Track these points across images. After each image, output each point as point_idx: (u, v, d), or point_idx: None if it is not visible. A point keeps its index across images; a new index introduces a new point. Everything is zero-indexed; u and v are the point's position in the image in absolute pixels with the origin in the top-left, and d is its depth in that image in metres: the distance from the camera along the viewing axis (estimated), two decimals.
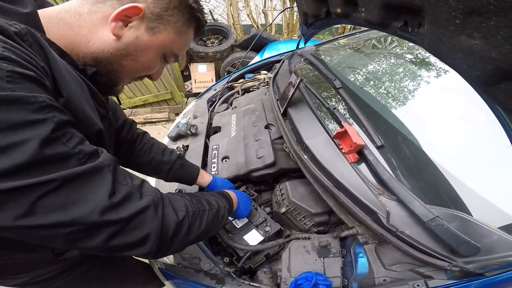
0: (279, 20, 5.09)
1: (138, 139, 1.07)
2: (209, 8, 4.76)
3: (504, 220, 0.85)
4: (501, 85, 0.44)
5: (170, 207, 0.61)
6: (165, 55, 0.70)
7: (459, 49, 0.45)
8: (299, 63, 1.88)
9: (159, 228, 0.56)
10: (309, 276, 0.98)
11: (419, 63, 1.63)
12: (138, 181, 0.57)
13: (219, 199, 0.86)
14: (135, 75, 0.70)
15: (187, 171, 1.15)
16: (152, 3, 0.61)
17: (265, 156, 1.34)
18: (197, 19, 0.69)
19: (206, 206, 0.74)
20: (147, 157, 1.07)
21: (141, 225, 0.53)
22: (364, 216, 0.87)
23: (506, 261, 0.75)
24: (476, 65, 0.44)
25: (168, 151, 1.13)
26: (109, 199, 0.48)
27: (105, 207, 0.48)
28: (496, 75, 0.42)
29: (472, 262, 0.79)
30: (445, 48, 0.49)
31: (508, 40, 0.37)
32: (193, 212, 0.67)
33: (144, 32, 0.62)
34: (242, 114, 1.72)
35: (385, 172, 0.87)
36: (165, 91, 3.63)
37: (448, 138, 1.08)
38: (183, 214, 0.63)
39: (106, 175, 0.50)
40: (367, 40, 2.24)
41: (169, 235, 0.59)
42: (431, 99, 1.33)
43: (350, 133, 0.91)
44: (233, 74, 2.26)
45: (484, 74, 0.44)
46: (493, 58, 0.40)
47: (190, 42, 0.75)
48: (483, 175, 0.93)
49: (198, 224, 0.68)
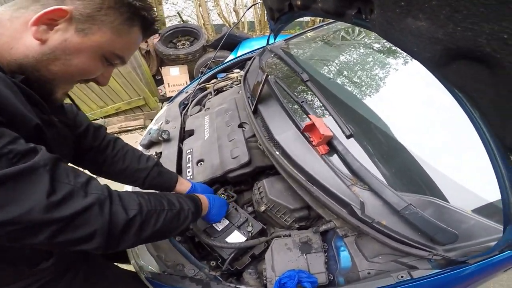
0: (251, 17, 5.06)
1: (110, 146, 1.03)
2: (177, 10, 4.67)
3: (478, 202, 0.85)
4: (452, 65, 0.43)
5: (119, 205, 0.61)
6: (106, 57, 0.66)
7: (408, 32, 0.44)
8: (270, 59, 1.86)
9: (106, 226, 0.57)
10: (291, 275, 0.96)
11: (386, 52, 1.65)
12: (83, 179, 0.57)
13: (184, 201, 0.85)
14: (72, 80, 0.66)
15: (165, 179, 1.11)
16: (81, 4, 0.58)
17: (240, 156, 1.31)
18: (142, 18, 0.66)
19: (166, 206, 0.75)
20: (122, 165, 1.03)
21: (86, 222, 0.54)
22: (339, 208, 0.87)
23: (487, 246, 0.75)
24: (425, 47, 0.43)
25: (144, 157, 1.09)
26: (47, 198, 0.49)
27: (44, 206, 0.48)
28: (446, 55, 0.42)
29: (453, 250, 0.78)
30: (395, 32, 0.47)
31: (450, 19, 0.36)
32: (148, 210, 0.68)
33: (74, 34, 0.59)
34: (215, 115, 1.68)
35: (355, 162, 0.86)
36: (138, 97, 3.53)
37: (417, 124, 1.09)
38: (134, 212, 0.63)
39: (41, 175, 0.50)
40: (336, 31, 2.25)
41: (118, 232, 0.60)
42: (399, 86, 1.35)
43: (318, 125, 0.89)
44: (204, 75, 2.22)
45: (434, 56, 0.43)
46: (440, 38, 0.39)
47: (137, 42, 0.71)
48: (454, 159, 0.94)
49: (153, 222, 0.69)
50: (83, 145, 0.95)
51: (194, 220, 0.90)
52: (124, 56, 0.69)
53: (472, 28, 0.35)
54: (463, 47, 0.38)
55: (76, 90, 3.22)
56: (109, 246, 0.59)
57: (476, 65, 0.41)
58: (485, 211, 0.84)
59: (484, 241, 0.78)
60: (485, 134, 0.54)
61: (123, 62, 0.70)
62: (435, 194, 0.86)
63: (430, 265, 0.83)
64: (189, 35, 4.09)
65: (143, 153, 1.12)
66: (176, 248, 1.12)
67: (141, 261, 1.12)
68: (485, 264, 0.78)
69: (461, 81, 0.44)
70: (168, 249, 1.12)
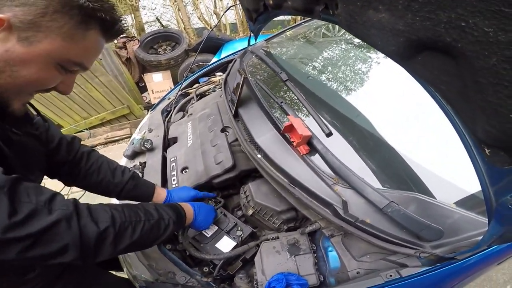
0: (233, 19, 5.04)
1: (83, 159, 1.01)
2: (155, 16, 4.61)
3: (460, 195, 0.84)
4: (417, 58, 0.42)
5: (88, 218, 0.62)
6: (62, 65, 0.62)
7: (371, 25, 0.43)
8: (251, 61, 1.84)
9: (78, 239, 0.59)
10: (279, 278, 0.95)
11: (366, 47, 1.65)
12: (46, 196, 0.58)
13: (164, 211, 0.84)
14: (26, 91, 0.62)
15: (141, 191, 1.10)
16: (21, 11, 0.53)
17: (224, 161, 1.29)
18: (99, 20, 0.61)
19: (143, 217, 0.75)
20: (96, 178, 1.02)
21: (55, 238, 0.56)
22: (322, 209, 0.85)
23: (474, 241, 0.73)
24: (388, 40, 0.41)
25: (120, 170, 1.07)
26: (9, 219, 0.50)
27: (7, 226, 0.50)
28: (409, 47, 0.40)
29: (440, 246, 0.77)
30: (359, 26, 0.46)
31: (408, 8, 0.35)
32: (122, 222, 0.69)
33: (16, 44, 0.55)
34: (197, 121, 1.65)
35: (335, 160, 0.84)
36: (122, 106, 3.47)
37: (399, 119, 1.09)
38: (106, 225, 0.65)
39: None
40: (316, 28, 2.25)
41: (91, 244, 0.61)
42: (379, 82, 1.34)
43: (296, 126, 0.88)
44: (186, 80, 2.18)
45: (398, 49, 0.41)
46: (400, 30, 0.38)
47: (98, 46, 0.66)
48: (435, 152, 0.93)
49: (129, 233, 0.70)
50: (57, 159, 0.93)
51: (177, 229, 0.91)
52: (83, 62, 0.64)
53: (430, 17, 0.34)
54: (423, 37, 0.37)
55: (57, 102, 3.15)
56: (86, 257, 0.61)
57: (440, 56, 0.39)
58: (469, 203, 0.82)
59: (471, 235, 0.77)
60: (459, 127, 0.52)
61: (84, 68, 0.66)
62: (418, 188, 0.85)
63: (420, 262, 0.81)
64: (170, 40, 4.04)
65: (119, 166, 1.10)
66: (166, 256, 1.11)
67: (134, 270, 1.10)
68: (475, 259, 0.77)
69: (428, 74, 0.43)
70: (158, 258, 1.10)
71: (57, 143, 0.93)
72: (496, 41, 0.33)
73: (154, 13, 4.64)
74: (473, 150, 0.52)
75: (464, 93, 0.40)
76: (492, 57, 0.34)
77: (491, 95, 0.36)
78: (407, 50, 0.41)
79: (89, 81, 3.14)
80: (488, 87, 0.36)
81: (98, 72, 3.13)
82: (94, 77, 3.14)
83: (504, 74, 0.33)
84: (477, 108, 0.40)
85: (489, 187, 0.53)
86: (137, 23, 4.40)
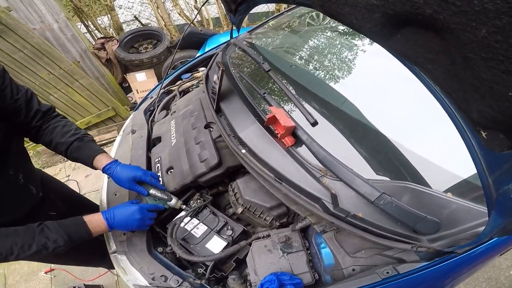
0: (216, 13, 4.93)
1: (46, 122, 1.15)
2: (133, 14, 4.47)
3: (455, 180, 0.80)
4: (397, 35, 0.37)
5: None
6: None
7: (344, 2, 0.38)
8: (234, 53, 1.77)
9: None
10: (271, 279, 0.91)
11: (349, 34, 1.60)
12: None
13: (51, 236, 0.94)
14: None
15: (81, 155, 1.16)
16: None
17: (209, 158, 1.24)
18: None
19: (16, 251, 0.89)
20: (48, 138, 1.14)
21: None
22: (310, 204, 0.80)
23: (475, 233, 0.69)
24: (364, 17, 0.36)
25: (71, 132, 1.15)
26: None
27: None
28: (387, 23, 0.35)
29: (439, 239, 0.72)
30: (332, 5, 0.41)
31: None
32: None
33: None
34: (181, 118, 1.59)
35: (320, 151, 0.80)
36: (106, 108, 3.36)
37: (386, 103, 1.04)
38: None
39: None
40: (300, 16, 2.19)
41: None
42: (365, 67, 1.30)
43: (279, 117, 0.83)
44: (167, 78, 2.11)
45: (376, 26, 0.37)
46: (375, 4, 0.33)
47: None
48: (425, 137, 0.89)
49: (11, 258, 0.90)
50: (29, 125, 1.10)
51: (71, 245, 0.97)
52: None
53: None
54: (401, 11, 0.32)
55: None
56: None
57: (422, 32, 0.35)
58: (465, 190, 0.78)
59: (470, 226, 0.72)
60: (451, 109, 0.48)
61: None
62: (411, 177, 0.81)
63: (418, 257, 0.77)
64: (151, 38, 3.92)
65: (75, 128, 1.18)
66: (157, 260, 1.08)
67: (129, 274, 1.08)
68: (476, 252, 0.73)
69: (411, 53, 0.38)
70: (149, 262, 1.07)
71: (33, 114, 1.09)
72: (483, 9, 0.29)
73: (132, 12, 4.49)
74: (467, 133, 0.47)
75: (452, 71, 0.36)
76: (482, 29, 0.29)
77: (484, 72, 0.31)
78: (385, 27, 0.36)
79: (69, 85, 3.03)
80: (480, 62, 0.31)
81: (77, 75, 3.02)
82: (74, 80, 3.03)
83: (497, 47, 0.29)
84: (469, 87, 0.36)
85: (487, 175, 0.48)
86: (114, 23, 4.25)
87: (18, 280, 2.52)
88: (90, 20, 4.18)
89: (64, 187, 1.63)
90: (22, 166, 1.15)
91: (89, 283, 2.26)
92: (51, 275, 2.47)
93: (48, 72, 2.87)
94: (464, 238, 0.70)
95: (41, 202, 1.26)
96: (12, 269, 2.60)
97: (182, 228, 1.17)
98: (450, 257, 0.73)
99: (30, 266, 2.56)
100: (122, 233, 1.19)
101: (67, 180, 3.21)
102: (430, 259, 0.75)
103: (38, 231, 0.93)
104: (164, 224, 1.24)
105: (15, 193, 1.11)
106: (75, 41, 3.28)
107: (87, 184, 3.15)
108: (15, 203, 1.13)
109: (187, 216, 1.19)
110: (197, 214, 1.22)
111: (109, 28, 4.42)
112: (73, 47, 3.30)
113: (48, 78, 2.90)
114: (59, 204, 1.41)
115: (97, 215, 1.05)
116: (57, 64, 2.86)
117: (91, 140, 1.21)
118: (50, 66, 2.84)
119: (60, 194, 1.48)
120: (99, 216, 1.04)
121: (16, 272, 2.58)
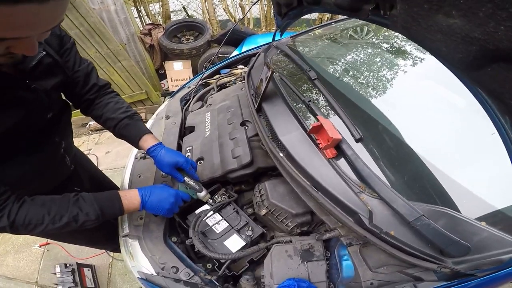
0: (257, 13, 4.98)
1: (99, 96, 1.18)
2: (182, 5, 4.60)
3: (488, 210, 0.80)
4: (487, 68, 0.38)
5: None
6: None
7: (437, 29, 0.39)
8: (275, 56, 1.80)
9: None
10: (291, 284, 0.92)
11: (395, 52, 1.59)
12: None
13: (85, 208, 0.92)
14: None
15: (130, 133, 1.17)
16: None
17: (242, 156, 1.26)
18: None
19: (46, 220, 0.87)
20: (99, 112, 1.16)
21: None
22: (345, 217, 0.81)
23: (498, 260, 0.70)
24: (457, 47, 0.37)
25: (122, 110, 1.17)
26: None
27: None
28: (481, 57, 0.36)
29: (463, 262, 0.74)
30: (421, 30, 0.42)
31: (492, 17, 0.31)
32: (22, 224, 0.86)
33: None
34: (217, 112, 1.63)
35: (365, 168, 0.80)
36: (140, 91, 3.48)
37: (430, 128, 1.04)
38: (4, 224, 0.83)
39: None
40: (343, 30, 2.19)
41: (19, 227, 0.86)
42: (410, 89, 1.29)
43: (326, 127, 0.84)
44: (207, 70, 2.16)
45: (467, 57, 0.37)
46: (476, 38, 0.34)
47: (15, 16, 0.52)
48: (468, 166, 0.89)
49: (40, 229, 0.87)
50: (83, 97, 1.14)
51: (103, 219, 0.95)
52: (7, 36, 0.56)
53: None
54: (504, 48, 0.33)
55: None
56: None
57: None
58: (496, 220, 0.79)
59: (495, 253, 0.73)
60: None
61: (15, 39, 0.58)
62: (447, 204, 0.81)
63: (436, 277, 0.79)
64: (194, 29, 4.02)
65: (126, 106, 1.20)
66: (171, 250, 1.09)
67: (135, 261, 1.08)
68: (493, 277, 0.75)
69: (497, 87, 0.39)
70: (163, 251, 1.08)
71: (90, 87, 1.12)
72: None
73: (181, 2, 4.62)
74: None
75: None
76: None
77: None
78: (477, 60, 0.37)
79: (111, 64, 3.16)
80: None
81: (121, 56, 3.14)
82: (117, 61, 3.15)
83: None
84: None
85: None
86: (163, 11, 4.39)
87: (9, 250, 2.44)
88: (143, 6, 4.33)
89: (92, 165, 1.66)
90: (66, 136, 1.17)
91: (81, 262, 2.20)
92: (44, 249, 2.39)
93: (96, 51, 3.00)
94: (488, 263, 0.72)
95: (71, 175, 1.27)
96: (7, 238, 2.54)
97: (204, 222, 1.17)
98: (468, 279, 0.75)
99: (25, 238, 2.47)
100: (139, 217, 1.19)
101: (88, 154, 3.27)
102: (447, 279, 0.77)
103: (73, 201, 0.92)
104: (183, 214, 1.24)
105: (56, 161, 1.13)
106: (126, 24, 3.42)
107: (106, 160, 3.21)
108: (54, 172, 1.15)
109: (211, 211, 1.19)
110: (220, 209, 1.23)
111: (158, 16, 4.56)
112: (123, 30, 3.44)
113: (94, 56, 3.04)
114: (85, 179, 1.43)
115: (133, 191, 1.03)
116: (106, 44, 2.99)
117: (140, 119, 1.22)
118: (99, 45, 2.98)
119: (88, 172, 1.50)
120: (134, 192, 1.02)
121: (9, 242, 2.50)
